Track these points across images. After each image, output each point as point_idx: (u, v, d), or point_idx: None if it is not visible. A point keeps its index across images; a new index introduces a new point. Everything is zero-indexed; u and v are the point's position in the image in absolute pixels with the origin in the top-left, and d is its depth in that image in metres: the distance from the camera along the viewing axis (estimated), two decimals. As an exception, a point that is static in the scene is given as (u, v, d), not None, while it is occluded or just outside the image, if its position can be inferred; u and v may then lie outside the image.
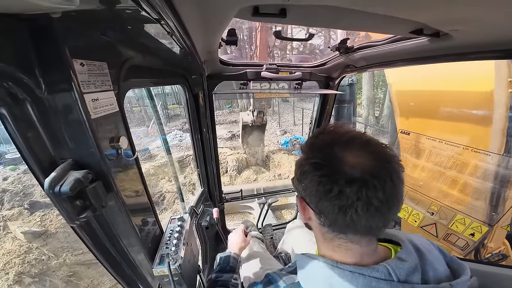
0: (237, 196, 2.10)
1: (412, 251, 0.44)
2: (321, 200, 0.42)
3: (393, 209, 0.41)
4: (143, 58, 0.66)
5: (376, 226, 0.42)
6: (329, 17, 0.64)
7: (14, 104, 0.38)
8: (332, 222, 0.43)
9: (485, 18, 0.56)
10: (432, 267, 0.43)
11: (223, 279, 0.86)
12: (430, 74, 1.80)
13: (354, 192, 0.38)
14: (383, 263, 0.42)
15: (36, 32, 0.36)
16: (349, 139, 0.43)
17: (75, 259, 3.90)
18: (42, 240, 4.06)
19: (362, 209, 0.39)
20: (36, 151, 0.43)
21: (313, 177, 0.43)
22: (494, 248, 1.70)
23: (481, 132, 1.55)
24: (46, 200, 4.87)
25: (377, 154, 0.41)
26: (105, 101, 0.48)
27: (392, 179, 0.39)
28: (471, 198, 1.65)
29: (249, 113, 6.20)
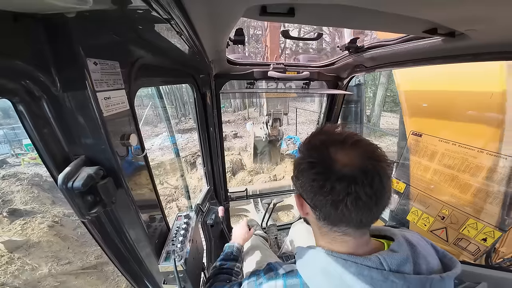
0: (242, 195, 2.11)
1: (404, 244, 0.47)
2: (316, 195, 0.46)
3: (381, 202, 0.45)
4: (153, 58, 0.68)
5: (366, 219, 0.46)
6: (339, 16, 0.63)
7: (31, 101, 0.40)
8: (326, 216, 0.48)
9: (502, 18, 0.54)
10: (425, 260, 0.46)
11: (227, 266, 0.92)
12: (439, 74, 1.75)
13: (344, 188, 0.42)
14: (376, 254, 0.45)
15: (51, 32, 0.37)
16: (342, 139, 0.47)
17: (61, 269, 3.73)
18: (24, 250, 3.81)
19: (351, 203, 0.42)
20: (51, 147, 0.45)
21: (308, 174, 0.47)
22: (506, 253, 1.64)
23: (491, 134, 1.50)
24: (26, 208, 4.72)
25: (366, 153, 0.45)
26: (116, 99, 0.50)
27: (379, 175, 0.43)
28: (485, 202, 1.59)
29: (262, 126, 5.56)
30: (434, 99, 1.85)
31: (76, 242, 4.29)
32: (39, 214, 4.62)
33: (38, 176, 6.04)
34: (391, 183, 0.46)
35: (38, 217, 4.44)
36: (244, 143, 9.60)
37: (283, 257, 1.56)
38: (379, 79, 10.86)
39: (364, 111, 10.15)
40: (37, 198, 5.28)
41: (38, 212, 4.73)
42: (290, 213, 4.52)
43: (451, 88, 1.72)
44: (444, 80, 1.73)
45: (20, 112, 0.40)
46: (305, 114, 13.46)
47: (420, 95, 1.94)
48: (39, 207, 4.97)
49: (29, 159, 8.31)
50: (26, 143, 9.14)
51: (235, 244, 1.06)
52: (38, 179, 5.91)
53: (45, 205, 5.15)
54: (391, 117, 12.62)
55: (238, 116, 14.79)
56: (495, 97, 1.46)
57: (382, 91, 10.63)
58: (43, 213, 4.68)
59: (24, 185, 5.52)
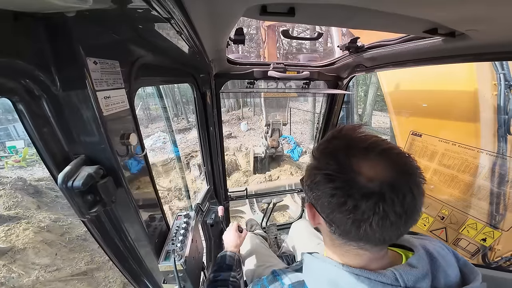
0: (242, 195, 2.11)
1: (424, 257, 0.43)
2: (334, 211, 0.40)
3: (411, 221, 0.39)
4: (153, 57, 0.68)
5: (389, 238, 0.41)
6: (339, 15, 0.62)
7: (31, 101, 0.40)
8: (344, 233, 0.42)
9: (502, 18, 0.54)
10: (444, 274, 0.42)
11: (221, 278, 0.87)
12: (423, 74, 1.80)
13: (370, 207, 0.36)
14: (391, 268, 0.41)
15: (51, 31, 0.37)
16: (366, 146, 0.40)
17: (50, 276, 3.61)
18: (9, 257, 3.66)
19: (377, 224, 0.37)
20: (51, 146, 0.45)
21: (325, 189, 0.41)
22: (503, 251, 1.64)
23: (471, 131, 1.57)
24: (10, 213, 4.56)
25: (398, 165, 0.39)
26: (116, 98, 0.50)
27: (412, 192, 0.37)
28: (484, 202, 1.59)
29: (261, 145, 5.71)
30: (417, 98, 1.91)
31: (64, 248, 4.18)
32: (23, 219, 4.44)
33: (22, 180, 5.85)
34: (423, 198, 0.40)
35: (23, 223, 4.26)
36: (238, 143, 9.59)
37: (283, 256, 1.56)
38: (370, 78, 10.90)
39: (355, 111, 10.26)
40: (21, 203, 5.11)
41: (23, 217, 4.55)
42: (286, 213, 4.51)
43: (431, 87, 1.78)
44: (427, 80, 1.79)
45: (20, 111, 0.40)
46: (298, 114, 13.47)
47: (402, 95, 2.00)
48: (24, 212, 4.80)
49: (13, 162, 8.06)
50: (9, 145, 8.89)
51: (227, 252, 1.00)
52: (22, 183, 5.73)
53: (30, 210, 4.99)
54: (382, 116, 12.65)
55: (232, 116, 14.76)
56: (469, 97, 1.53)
57: (373, 91, 10.66)
58: (28, 219, 4.51)
59: (7, 190, 5.32)
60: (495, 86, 1.47)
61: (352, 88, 3.20)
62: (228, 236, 1.11)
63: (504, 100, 1.45)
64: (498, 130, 1.49)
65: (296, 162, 7.73)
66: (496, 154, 1.51)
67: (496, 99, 1.47)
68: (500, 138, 1.50)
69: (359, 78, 11.24)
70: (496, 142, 1.51)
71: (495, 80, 1.46)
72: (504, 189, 1.52)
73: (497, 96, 1.46)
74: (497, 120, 1.49)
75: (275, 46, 5.57)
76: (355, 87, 10.52)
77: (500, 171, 1.51)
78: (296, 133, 10.82)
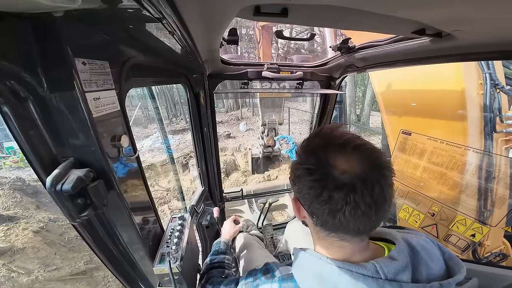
0: (238, 196, 2.10)
1: (404, 250, 0.45)
2: (313, 203, 0.44)
3: (380, 212, 0.42)
4: (144, 57, 0.67)
5: (364, 228, 0.44)
6: (331, 17, 0.63)
7: (16, 103, 0.39)
8: (323, 223, 0.46)
9: (488, 19, 0.56)
10: (426, 266, 0.44)
11: (218, 260, 0.95)
12: (413, 73, 1.85)
13: (342, 197, 0.40)
14: (372, 261, 0.43)
15: (38, 31, 0.36)
16: (342, 143, 0.44)
17: (49, 275, 3.64)
18: (8, 256, 3.70)
19: (349, 213, 0.40)
20: (38, 149, 0.43)
21: (305, 181, 0.45)
22: (492, 247, 1.70)
23: (459, 130, 1.62)
24: (9, 213, 4.56)
25: (369, 159, 0.42)
26: (106, 100, 0.49)
27: (380, 184, 0.41)
28: (472, 198, 1.65)
29: (258, 146, 5.87)
30: (406, 98, 1.96)
31: (63, 247, 4.17)
32: (22, 219, 4.45)
33: (20, 180, 5.84)
34: (392, 192, 0.44)
35: (22, 223, 4.28)
36: (237, 144, 9.58)
37: (279, 256, 1.57)
38: (368, 79, 11.09)
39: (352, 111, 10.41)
40: (20, 203, 5.10)
41: (22, 217, 4.56)
42: (284, 213, 4.53)
43: (422, 87, 1.83)
44: (417, 80, 1.84)
45: (5, 113, 0.39)
46: (297, 114, 13.56)
47: (394, 94, 2.05)
48: (23, 212, 4.80)
49: (10, 162, 7.96)
50: (7, 145, 8.73)
51: (221, 239, 1.09)
52: (20, 184, 5.71)
53: (29, 210, 4.98)
54: (380, 116, 12.86)
55: (231, 117, 14.73)
56: (457, 97, 1.58)
57: (371, 91, 10.85)
58: (27, 219, 4.52)
59: (6, 190, 5.32)
60: (481, 85, 1.52)
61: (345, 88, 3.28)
62: (225, 226, 1.23)
63: (490, 98, 1.51)
64: (484, 128, 1.55)
65: (295, 162, 7.75)
66: (483, 152, 1.56)
67: (482, 98, 1.53)
68: (487, 136, 1.56)
69: (357, 78, 11.39)
70: (483, 139, 1.56)
71: (481, 79, 1.52)
72: (491, 185, 1.58)
73: (483, 95, 1.52)
74: (483, 118, 1.54)
75: (269, 46, 5.61)
76: (353, 87, 10.67)
77: (486, 168, 1.57)
78: (295, 133, 10.88)
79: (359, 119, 10.97)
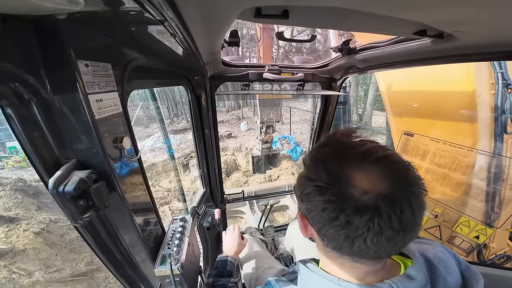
0: (239, 197, 2.10)
1: (423, 267, 0.41)
2: (325, 226, 0.37)
3: (409, 236, 0.36)
4: (146, 59, 0.67)
5: (386, 254, 0.38)
6: (332, 18, 0.64)
7: (20, 105, 0.39)
8: (336, 248, 0.39)
9: (489, 19, 0.56)
10: (443, 281, 0.40)
11: (221, 283, 0.86)
12: (420, 74, 1.82)
13: (364, 222, 0.33)
14: (388, 281, 0.38)
15: (41, 34, 0.36)
16: (361, 154, 0.37)
17: (50, 276, 3.62)
18: (9, 257, 3.71)
19: (371, 240, 0.34)
20: (41, 151, 0.44)
21: (316, 202, 0.38)
22: (497, 249, 1.68)
23: (468, 131, 1.58)
24: (10, 214, 4.56)
25: (396, 175, 0.35)
26: (109, 101, 0.49)
27: (411, 206, 0.34)
28: (476, 200, 1.63)
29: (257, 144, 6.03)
30: (413, 98, 1.93)
31: (64, 249, 4.19)
32: (23, 220, 4.47)
33: (22, 181, 5.87)
34: (424, 212, 0.36)
35: (23, 224, 4.29)
36: (238, 143, 9.58)
37: (280, 258, 1.56)
38: (370, 78, 11.06)
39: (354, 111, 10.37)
40: (21, 204, 5.11)
41: (23, 218, 4.57)
42: (286, 214, 4.53)
43: (428, 88, 1.80)
44: (425, 80, 1.81)
45: (9, 115, 0.39)
46: (298, 113, 13.54)
47: (400, 95, 2.02)
48: (24, 213, 4.81)
49: (13, 162, 8.04)
50: (10, 145, 8.80)
51: (228, 258, 0.98)
52: (22, 184, 5.74)
53: (30, 211, 4.99)
54: (383, 116, 12.84)
55: (232, 116, 14.75)
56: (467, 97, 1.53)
57: (373, 91, 10.81)
58: (28, 220, 4.53)
59: (7, 191, 5.34)
60: (492, 85, 1.47)
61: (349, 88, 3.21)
62: (230, 241, 1.08)
63: (502, 99, 1.45)
64: (495, 129, 1.50)
65: (297, 162, 7.78)
66: (491, 153, 1.52)
67: (493, 98, 1.47)
68: (497, 137, 1.50)
69: (359, 77, 11.35)
70: (493, 141, 1.51)
71: (492, 79, 1.46)
72: (497, 187, 1.54)
73: (494, 95, 1.46)
74: (494, 119, 1.49)
75: (270, 47, 5.67)
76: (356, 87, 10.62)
77: (494, 170, 1.53)
78: (296, 133, 10.85)
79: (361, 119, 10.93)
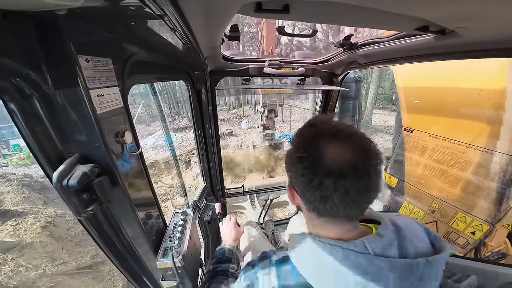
0: (239, 191, 2.12)
1: (389, 227, 0.47)
2: (305, 189, 0.46)
3: (369, 197, 0.45)
4: (146, 54, 0.67)
5: (353, 214, 0.47)
6: (333, 13, 0.63)
7: (22, 100, 0.39)
8: (315, 208, 0.48)
9: (491, 16, 0.55)
10: (412, 244, 0.46)
11: (221, 268, 0.90)
12: (440, 70, 1.75)
13: (332, 183, 0.42)
14: (361, 238, 0.46)
15: (42, 29, 0.36)
16: (333, 132, 0.46)
17: (56, 269, 3.73)
18: (17, 250, 3.81)
19: (339, 199, 0.42)
20: (44, 145, 0.44)
21: (297, 169, 0.47)
22: (494, 246, 1.70)
23: (489, 130, 1.52)
24: (18, 209, 4.66)
25: (358, 147, 0.44)
26: (110, 96, 0.49)
27: (368, 172, 0.42)
28: (473, 196, 1.64)
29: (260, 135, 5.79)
30: (430, 95, 1.85)
31: (70, 242, 4.28)
32: (31, 214, 4.56)
33: (28, 176, 5.96)
34: (380, 178, 0.46)
35: (30, 218, 4.40)
36: (239, 141, 9.58)
37: (280, 251, 1.59)
38: (371, 76, 10.93)
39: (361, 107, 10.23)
40: (28, 199, 5.22)
41: (30, 212, 4.67)
42: (285, 209, 4.57)
43: (448, 84, 1.71)
44: (442, 77, 1.73)
45: (11, 110, 0.39)
46: (299, 112, 13.46)
47: (418, 91, 1.94)
48: (31, 207, 4.91)
49: (17, 159, 8.14)
50: (13, 143, 8.87)
51: (226, 246, 1.04)
52: (28, 180, 5.83)
53: (37, 205, 5.09)
54: (383, 114, 12.78)
55: (233, 115, 14.67)
56: (492, 94, 1.46)
57: (374, 89, 10.72)
58: (35, 214, 4.63)
59: (14, 186, 5.45)
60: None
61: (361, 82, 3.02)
62: (227, 230, 1.13)
63: None
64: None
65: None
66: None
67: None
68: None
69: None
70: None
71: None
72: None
73: None
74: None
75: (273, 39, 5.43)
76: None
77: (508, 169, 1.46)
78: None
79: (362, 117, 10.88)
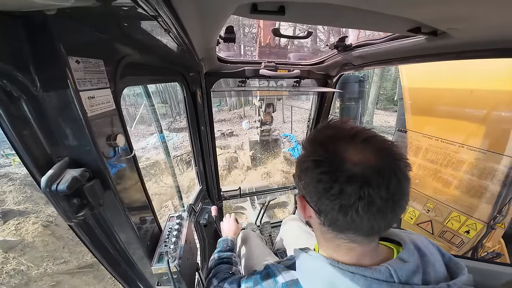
0: (236, 194, 2.11)
1: (414, 252, 0.43)
2: (321, 198, 0.41)
3: (397, 209, 0.39)
4: (140, 56, 0.66)
5: (378, 227, 0.40)
6: (328, 14, 0.63)
7: (9, 102, 0.38)
8: (332, 222, 0.42)
9: (482, 17, 0.57)
10: (433, 269, 0.43)
11: (226, 256, 0.95)
12: (434, 71, 1.75)
13: (355, 190, 0.36)
14: (385, 264, 0.41)
15: (31, 30, 0.35)
16: (352, 134, 0.41)
17: (57, 268, 3.77)
18: (19, 249, 3.85)
19: (363, 209, 0.37)
20: (32, 149, 0.43)
21: (313, 174, 0.41)
22: (491, 247, 1.71)
23: (499, 133, 1.48)
24: (19, 208, 4.70)
25: (382, 150, 0.39)
26: (101, 98, 0.48)
27: (397, 177, 0.37)
28: (466, 195, 1.67)
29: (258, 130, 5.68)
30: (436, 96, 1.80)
31: (71, 241, 4.28)
32: (32, 214, 4.58)
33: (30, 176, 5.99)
34: (409, 186, 0.40)
35: (32, 217, 4.41)
36: (240, 142, 9.60)
37: (277, 253, 1.58)
38: (372, 77, 11.04)
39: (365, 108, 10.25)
40: (30, 198, 5.22)
41: (32, 212, 4.68)
42: (285, 210, 4.58)
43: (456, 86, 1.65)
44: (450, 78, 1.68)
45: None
46: (300, 112, 13.53)
47: (424, 92, 1.88)
48: (33, 207, 4.91)
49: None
50: None
51: (228, 237, 1.10)
52: (31, 179, 5.74)
53: (39, 205, 5.08)
54: (384, 115, 12.93)
55: (234, 115, 14.67)
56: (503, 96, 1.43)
57: (375, 89, 10.81)
58: (36, 213, 4.64)
59: (17, 185, 5.44)
60: None
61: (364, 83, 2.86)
62: (228, 224, 1.24)
63: None
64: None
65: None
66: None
67: None
68: None
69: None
70: None
71: None
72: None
73: None
74: None
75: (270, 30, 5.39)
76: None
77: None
78: (298, 132, 10.84)
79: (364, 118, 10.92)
